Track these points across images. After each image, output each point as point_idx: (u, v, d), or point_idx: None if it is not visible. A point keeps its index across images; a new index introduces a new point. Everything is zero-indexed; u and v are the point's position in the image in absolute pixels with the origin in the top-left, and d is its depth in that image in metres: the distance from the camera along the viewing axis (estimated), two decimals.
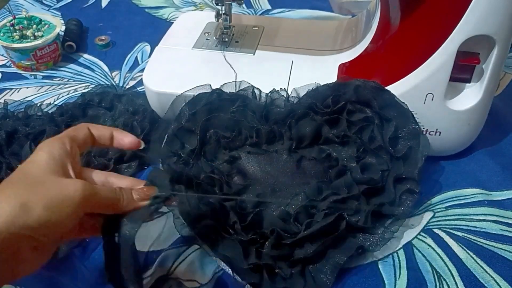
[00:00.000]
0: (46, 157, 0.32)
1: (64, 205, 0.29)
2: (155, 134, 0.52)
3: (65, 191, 0.30)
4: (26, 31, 0.68)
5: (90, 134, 0.36)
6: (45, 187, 0.30)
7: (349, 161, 0.47)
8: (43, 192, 0.29)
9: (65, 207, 0.30)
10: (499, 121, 0.58)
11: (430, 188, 0.50)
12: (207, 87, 0.50)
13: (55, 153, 0.32)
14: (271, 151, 0.48)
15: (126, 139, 0.37)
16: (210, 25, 0.62)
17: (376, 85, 0.48)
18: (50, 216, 0.29)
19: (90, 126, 0.37)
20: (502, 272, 0.42)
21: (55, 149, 0.33)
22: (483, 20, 0.43)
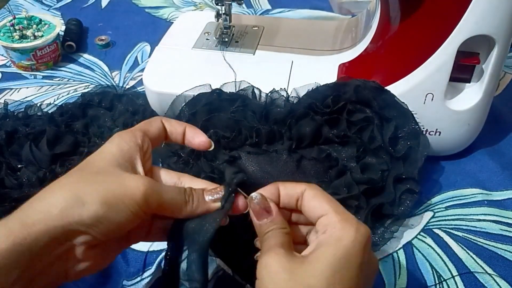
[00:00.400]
0: (114, 149, 0.30)
1: (123, 202, 0.27)
2: None
3: (125, 186, 0.28)
4: (26, 31, 0.68)
5: (163, 128, 0.34)
6: (105, 180, 0.28)
7: (349, 161, 0.47)
8: (102, 186, 0.27)
9: (124, 205, 0.27)
10: (499, 121, 0.58)
11: (430, 188, 0.50)
12: (207, 87, 0.50)
13: (124, 146, 0.30)
14: (271, 151, 0.48)
15: (197, 138, 0.34)
16: (210, 25, 0.62)
17: (376, 85, 0.48)
18: (106, 212, 0.27)
19: (164, 119, 0.34)
20: (502, 272, 0.42)
21: (124, 141, 0.30)
22: (483, 20, 0.43)
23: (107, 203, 0.27)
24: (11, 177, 0.49)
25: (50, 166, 0.49)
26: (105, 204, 0.27)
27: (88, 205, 0.26)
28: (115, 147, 0.30)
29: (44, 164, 0.49)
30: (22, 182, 0.48)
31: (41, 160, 0.49)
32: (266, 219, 0.31)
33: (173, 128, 0.34)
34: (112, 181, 0.28)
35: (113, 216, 0.27)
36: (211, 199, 0.31)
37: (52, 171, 0.49)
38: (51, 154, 0.50)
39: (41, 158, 0.49)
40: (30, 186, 0.48)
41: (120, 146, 0.30)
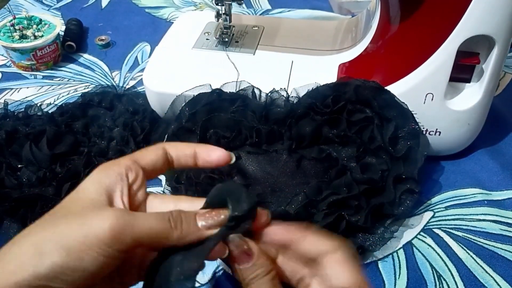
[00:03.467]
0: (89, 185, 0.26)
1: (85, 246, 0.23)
2: (155, 134, 0.52)
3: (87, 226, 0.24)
4: (26, 31, 0.68)
5: (164, 156, 0.30)
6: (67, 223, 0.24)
7: (349, 161, 0.47)
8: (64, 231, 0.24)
9: (88, 248, 0.23)
10: (499, 121, 0.58)
11: (430, 188, 0.50)
12: (207, 87, 0.50)
13: (104, 179, 0.26)
14: (271, 151, 0.48)
15: (214, 154, 0.30)
16: (210, 25, 0.62)
17: (376, 85, 0.48)
18: (67, 261, 0.23)
19: (167, 145, 0.30)
20: (502, 272, 0.42)
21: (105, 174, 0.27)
22: (483, 20, 0.43)
23: (66, 249, 0.23)
24: (11, 177, 0.49)
25: (50, 166, 0.49)
26: (65, 250, 0.23)
27: (46, 255, 0.23)
28: (91, 183, 0.27)
29: (44, 164, 0.49)
30: (22, 182, 0.48)
31: (41, 160, 0.49)
32: (246, 263, 0.26)
33: (180, 152, 0.30)
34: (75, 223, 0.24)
35: (77, 264, 0.23)
36: (204, 225, 0.26)
37: (52, 171, 0.49)
38: (51, 154, 0.50)
39: (41, 158, 0.50)
40: (30, 186, 0.48)
41: (97, 180, 0.27)
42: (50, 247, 0.23)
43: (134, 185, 0.28)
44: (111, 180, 0.27)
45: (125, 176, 0.27)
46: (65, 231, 0.24)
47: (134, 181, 0.28)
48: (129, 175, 0.28)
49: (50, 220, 0.25)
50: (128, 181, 0.28)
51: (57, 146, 0.51)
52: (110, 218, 0.24)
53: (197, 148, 0.31)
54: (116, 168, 0.27)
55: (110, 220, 0.24)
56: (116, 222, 0.24)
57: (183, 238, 0.26)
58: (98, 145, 0.52)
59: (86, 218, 0.24)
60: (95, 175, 0.27)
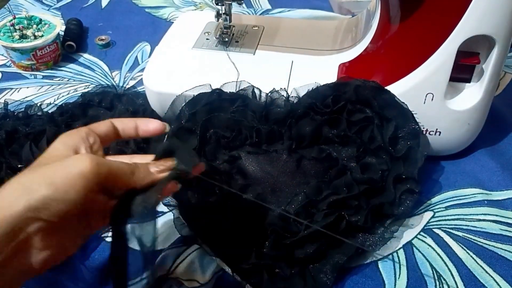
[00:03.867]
0: (57, 145, 0.32)
1: (70, 180, 0.27)
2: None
3: (70, 165, 0.28)
4: (26, 31, 0.68)
5: (112, 127, 0.35)
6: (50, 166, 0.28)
7: (349, 161, 0.47)
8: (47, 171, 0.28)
9: (72, 182, 0.27)
10: (499, 121, 0.58)
11: (430, 188, 0.50)
12: (207, 87, 0.50)
13: (68, 140, 0.32)
14: (271, 151, 0.48)
15: (151, 124, 0.36)
16: (210, 25, 0.62)
17: (376, 85, 0.48)
18: (54, 193, 0.27)
19: (113, 120, 0.36)
20: (502, 272, 0.42)
21: (68, 137, 0.32)
22: (483, 20, 0.43)
23: (53, 183, 0.27)
24: (11, 177, 0.48)
25: None
26: (52, 185, 0.27)
27: (35, 190, 0.27)
28: (59, 143, 0.32)
29: None
30: None
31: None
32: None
33: (124, 125, 0.36)
34: (57, 165, 0.28)
35: (62, 196, 0.27)
36: (156, 170, 0.32)
37: None
38: None
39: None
40: None
41: (64, 141, 0.32)
42: (38, 184, 0.27)
43: (93, 146, 0.33)
44: (75, 141, 0.32)
45: (86, 139, 0.33)
46: (50, 170, 0.28)
47: (93, 144, 0.33)
48: (89, 138, 0.33)
49: (33, 168, 0.30)
50: (89, 143, 0.33)
51: None
52: (88, 157, 0.29)
53: (138, 121, 0.36)
54: (78, 133, 0.33)
55: (89, 158, 0.29)
56: (93, 160, 0.29)
57: (142, 180, 0.32)
58: None
59: (66, 161, 0.29)
60: (61, 139, 0.32)
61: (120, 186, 0.31)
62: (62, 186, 0.27)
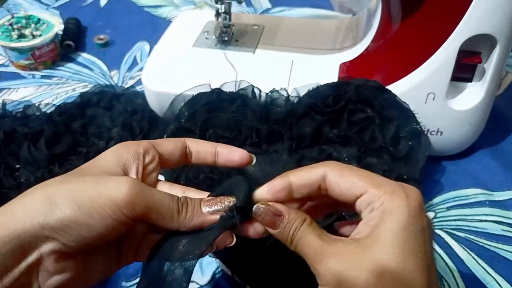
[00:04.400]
0: (109, 155, 0.28)
1: (99, 204, 0.24)
2: (154, 134, 0.52)
3: (105, 187, 0.24)
4: (24, 30, 0.68)
5: (183, 148, 0.31)
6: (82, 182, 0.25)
7: (350, 161, 0.47)
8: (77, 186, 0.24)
9: (99, 207, 0.24)
10: (501, 121, 0.57)
11: (431, 189, 0.50)
12: (206, 87, 0.50)
13: (122, 153, 0.28)
14: (271, 151, 0.48)
15: (236, 153, 0.31)
16: (210, 24, 0.62)
17: (377, 85, 0.48)
18: (77, 215, 0.23)
19: (188, 140, 0.31)
20: (503, 272, 0.42)
21: (124, 149, 0.28)
22: (485, 19, 0.43)
23: (79, 204, 0.24)
24: (10, 178, 0.48)
25: (49, 166, 0.49)
26: (77, 205, 0.24)
27: (58, 207, 0.23)
28: (111, 154, 0.28)
29: (42, 164, 0.49)
30: (20, 183, 0.48)
31: (40, 160, 0.49)
32: (281, 223, 0.27)
33: (200, 148, 0.31)
34: (90, 181, 0.25)
35: (86, 220, 0.24)
36: (209, 211, 0.27)
37: (50, 171, 0.49)
38: (49, 154, 0.50)
39: (40, 158, 0.49)
40: (28, 187, 0.47)
41: (117, 153, 0.28)
42: (63, 199, 0.24)
43: (149, 167, 0.29)
44: (129, 155, 0.28)
45: (142, 156, 0.29)
46: (80, 187, 0.24)
47: (150, 163, 0.29)
48: (146, 156, 0.29)
49: (66, 178, 0.26)
50: (144, 162, 0.29)
51: (55, 146, 0.51)
52: (128, 183, 0.25)
53: (219, 147, 0.32)
54: (136, 147, 0.29)
55: (128, 184, 0.25)
56: (133, 188, 0.25)
57: (187, 220, 0.27)
58: (96, 145, 0.52)
59: (102, 179, 0.25)
60: (116, 149, 0.29)
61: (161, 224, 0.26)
62: (88, 208, 0.24)
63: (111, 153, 0.28)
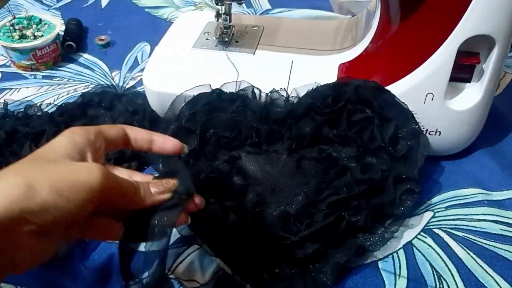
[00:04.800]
0: (64, 141, 0.30)
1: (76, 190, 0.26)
2: None
3: (78, 174, 0.27)
4: (26, 31, 0.68)
5: (123, 134, 0.33)
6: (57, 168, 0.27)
7: (349, 161, 0.47)
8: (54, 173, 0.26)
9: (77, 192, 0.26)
10: (499, 121, 0.58)
11: (430, 188, 0.50)
12: (207, 87, 0.50)
13: (76, 138, 0.30)
14: (271, 151, 0.48)
15: (170, 142, 0.34)
16: (210, 25, 0.62)
17: (376, 85, 0.48)
18: (56, 200, 0.25)
19: (126, 127, 0.34)
20: (502, 272, 0.42)
21: (76, 134, 0.30)
22: (483, 20, 0.43)
23: (58, 190, 0.26)
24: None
25: None
26: (57, 192, 0.25)
27: (38, 193, 0.25)
28: (66, 139, 0.30)
29: None
30: None
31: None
32: None
33: (137, 135, 0.34)
34: (64, 169, 0.27)
35: (64, 204, 0.26)
36: (156, 191, 0.32)
37: None
38: None
39: None
40: None
41: (71, 138, 0.30)
42: (42, 185, 0.25)
43: (99, 151, 0.31)
44: (83, 141, 0.30)
45: (94, 142, 0.31)
46: (56, 173, 0.26)
47: (99, 148, 0.32)
48: (97, 141, 0.31)
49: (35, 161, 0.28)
50: (96, 147, 0.31)
51: None
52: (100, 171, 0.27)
53: (154, 136, 0.34)
54: (87, 133, 0.31)
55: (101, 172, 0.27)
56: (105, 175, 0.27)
57: (144, 199, 0.31)
58: None
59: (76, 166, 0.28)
60: (68, 135, 0.30)
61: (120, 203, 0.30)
62: (67, 194, 0.26)
63: (65, 139, 0.30)
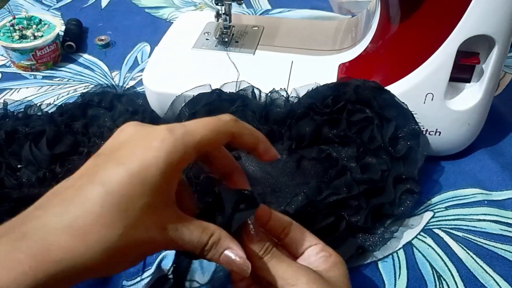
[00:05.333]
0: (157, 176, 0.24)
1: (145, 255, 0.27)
2: None
3: (155, 240, 0.25)
4: (26, 31, 0.68)
5: (230, 138, 0.28)
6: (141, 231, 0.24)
7: (349, 161, 0.47)
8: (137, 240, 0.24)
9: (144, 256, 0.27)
10: (499, 121, 0.58)
11: (430, 188, 0.50)
12: (207, 87, 0.50)
13: (168, 173, 0.25)
14: None
15: (270, 154, 0.31)
16: (210, 25, 0.62)
17: (376, 85, 0.48)
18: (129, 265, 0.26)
19: (237, 127, 0.29)
20: (502, 272, 0.42)
21: (175, 162, 0.25)
22: (483, 20, 0.43)
23: (134, 261, 0.26)
24: (11, 177, 0.49)
25: (50, 166, 0.49)
26: (132, 263, 0.26)
27: (118, 265, 0.25)
28: (159, 178, 0.24)
29: (43, 164, 0.49)
30: (22, 182, 0.48)
31: (41, 160, 0.49)
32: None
33: (242, 141, 0.30)
34: (145, 239, 0.25)
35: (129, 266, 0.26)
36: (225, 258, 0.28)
37: (52, 171, 0.49)
38: (50, 154, 0.50)
39: (41, 158, 0.49)
40: (29, 186, 0.48)
41: (165, 178, 0.24)
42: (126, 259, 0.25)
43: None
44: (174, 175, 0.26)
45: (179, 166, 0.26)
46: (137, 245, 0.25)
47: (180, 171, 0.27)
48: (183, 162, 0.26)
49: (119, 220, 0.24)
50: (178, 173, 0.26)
51: (56, 146, 0.51)
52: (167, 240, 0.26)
53: (261, 143, 0.31)
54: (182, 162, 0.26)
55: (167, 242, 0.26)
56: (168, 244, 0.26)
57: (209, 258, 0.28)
58: (98, 145, 0.52)
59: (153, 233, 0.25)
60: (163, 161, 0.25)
61: None
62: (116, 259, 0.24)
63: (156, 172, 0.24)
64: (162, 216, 0.25)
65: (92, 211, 0.23)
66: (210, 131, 0.27)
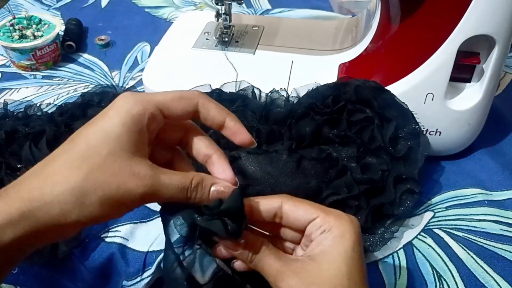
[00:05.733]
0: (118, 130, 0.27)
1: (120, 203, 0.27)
2: None
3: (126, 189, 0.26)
4: (25, 31, 0.68)
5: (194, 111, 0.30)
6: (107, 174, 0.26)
7: (349, 161, 0.47)
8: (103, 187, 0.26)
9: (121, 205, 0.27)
10: (499, 121, 0.58)
11: (430, 188, 0.50)
12: (207, 87, 0.50)
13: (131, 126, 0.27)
14: (271, 151, 0.48)
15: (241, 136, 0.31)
16: (210, 25, 0.62)
17: (376, 85, 0.48)
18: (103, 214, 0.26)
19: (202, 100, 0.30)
20: (502, 272, 0.42)
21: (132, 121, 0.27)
22: (483, 20, 0.43)
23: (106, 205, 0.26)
24: (11, 177, 0.48)
25: None
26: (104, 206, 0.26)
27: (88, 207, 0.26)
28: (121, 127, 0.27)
29: None
30: None
31: (41, 160, 0.49)
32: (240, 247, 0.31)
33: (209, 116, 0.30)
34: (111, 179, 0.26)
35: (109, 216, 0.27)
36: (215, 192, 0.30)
37: None
38: (50, 154, 0.50)
39: (41, 158, 0.48)
40: None
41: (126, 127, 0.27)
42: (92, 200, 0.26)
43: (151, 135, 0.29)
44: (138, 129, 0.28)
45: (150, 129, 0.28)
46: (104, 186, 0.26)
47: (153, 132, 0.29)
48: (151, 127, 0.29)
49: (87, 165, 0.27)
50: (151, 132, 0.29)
51: (56, 146, 0.50)
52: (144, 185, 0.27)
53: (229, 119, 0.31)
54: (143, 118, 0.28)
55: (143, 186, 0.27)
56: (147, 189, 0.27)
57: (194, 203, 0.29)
58: None
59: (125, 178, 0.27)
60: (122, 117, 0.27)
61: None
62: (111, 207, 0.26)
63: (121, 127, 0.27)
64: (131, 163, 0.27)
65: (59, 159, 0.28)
66: (172, 95, 0.29)
